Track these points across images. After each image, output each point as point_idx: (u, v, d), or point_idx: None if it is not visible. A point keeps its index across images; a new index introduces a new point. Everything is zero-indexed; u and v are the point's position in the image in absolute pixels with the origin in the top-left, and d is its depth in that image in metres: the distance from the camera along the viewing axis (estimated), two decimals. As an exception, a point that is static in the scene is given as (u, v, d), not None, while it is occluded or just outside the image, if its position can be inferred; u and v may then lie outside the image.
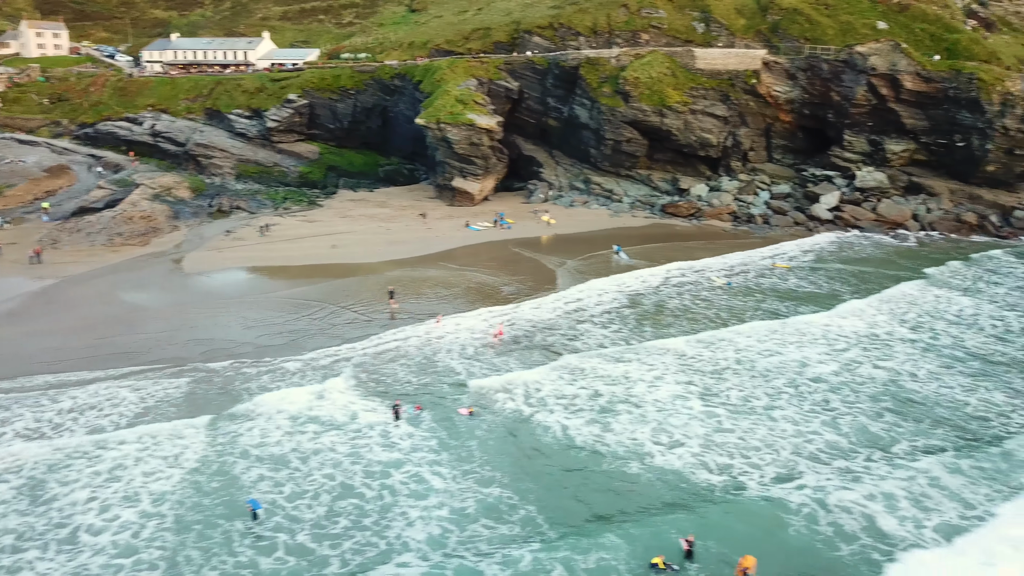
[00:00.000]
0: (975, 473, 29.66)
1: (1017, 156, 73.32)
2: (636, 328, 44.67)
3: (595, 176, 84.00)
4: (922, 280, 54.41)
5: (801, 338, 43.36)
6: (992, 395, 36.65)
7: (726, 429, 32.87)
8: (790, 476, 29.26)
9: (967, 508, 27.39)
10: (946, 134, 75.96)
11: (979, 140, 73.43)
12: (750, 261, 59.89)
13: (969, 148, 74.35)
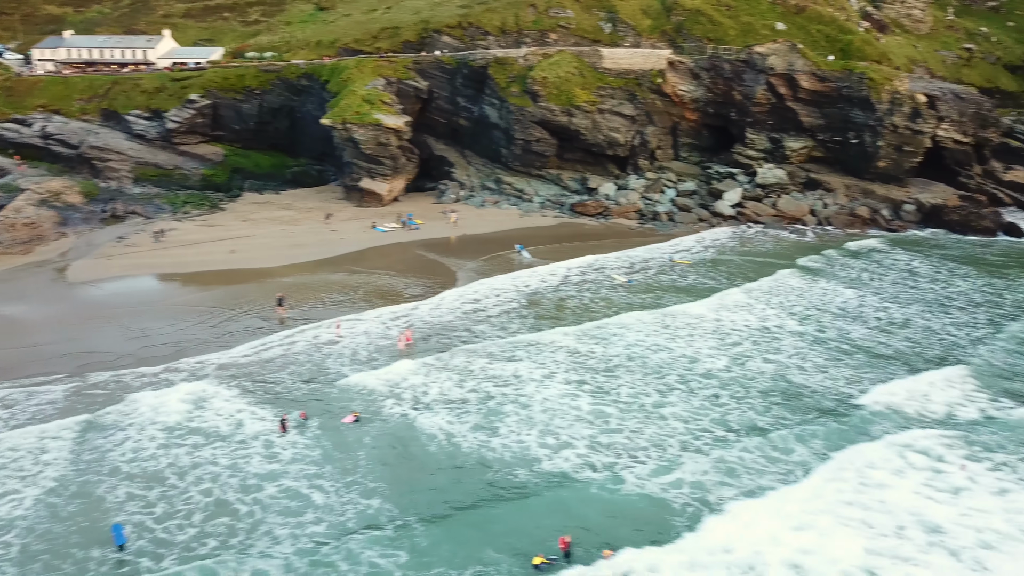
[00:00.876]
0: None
1: (905, 152, 76.55)
2: (531, 327, 44.66)
3: (506, 176, 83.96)
4: (811, 273, 56.19)
5: (692, 332, 44.11)
6: (875, 387, 37.65)
7: (614, 429, 32.95)
8: (670, 470, 29.56)
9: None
10: (841, 132, 78.75)
11: (871, 137, 76.37)
12: (652, 258, 60.75)
13: (862, 145, 77.25)
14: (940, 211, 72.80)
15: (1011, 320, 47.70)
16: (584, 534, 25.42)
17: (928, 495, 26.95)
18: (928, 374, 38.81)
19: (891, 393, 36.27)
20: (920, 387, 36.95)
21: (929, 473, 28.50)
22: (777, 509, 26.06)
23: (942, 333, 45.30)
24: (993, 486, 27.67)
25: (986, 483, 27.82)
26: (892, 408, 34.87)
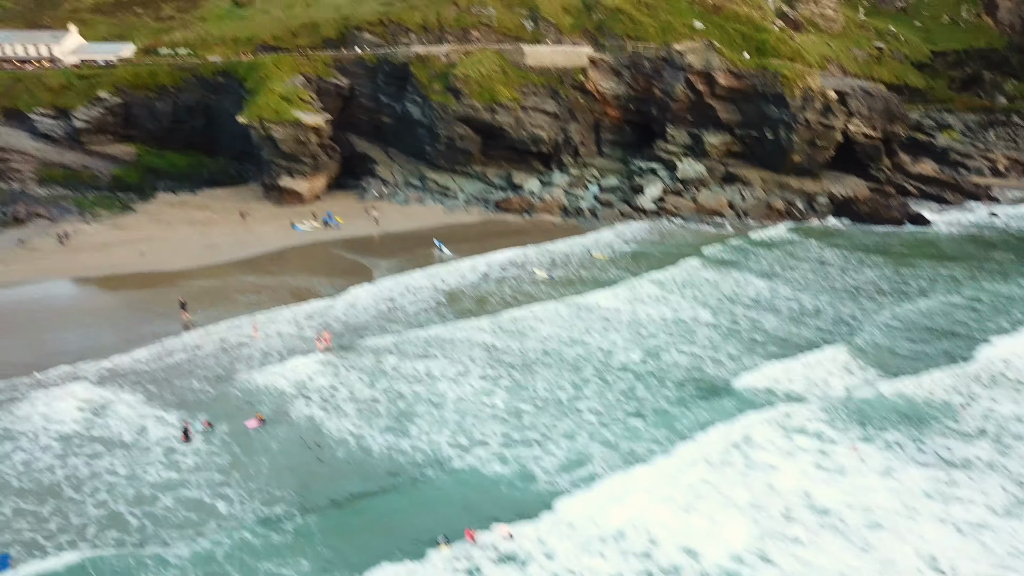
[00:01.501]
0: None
1: (818, 147, 78.89)
2: (447, 324, 44.31)
3: (431, 173, 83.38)
4: (726, 265, 57.33)
5: (608, 325, 44.45)
6: (771, 370, 38.54)
7: (527, 426, 32.79)
8: (580, 464, 29.62)
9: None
10: (757, 127, 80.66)
11: (785, 132, 78.43)
12: (573, 253, 61.09)
13: (777, 140, 79.27)
14: (851, 203, 75.22)
15: (914, 300, 49.56)
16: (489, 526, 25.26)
17: (816, 476, 27.65)
18: (825, 355, 39.89)
19: (789, 379, 37.06)
20: (818, 373, 37.86)
21: (817, 455, 29.26)
22: (671, 495, 26.39)
23: (851, 321, 46.66)
24: (881, 466, 28.57)
25: (875, 463, 28.72)
26: (788, 393, 35.66)
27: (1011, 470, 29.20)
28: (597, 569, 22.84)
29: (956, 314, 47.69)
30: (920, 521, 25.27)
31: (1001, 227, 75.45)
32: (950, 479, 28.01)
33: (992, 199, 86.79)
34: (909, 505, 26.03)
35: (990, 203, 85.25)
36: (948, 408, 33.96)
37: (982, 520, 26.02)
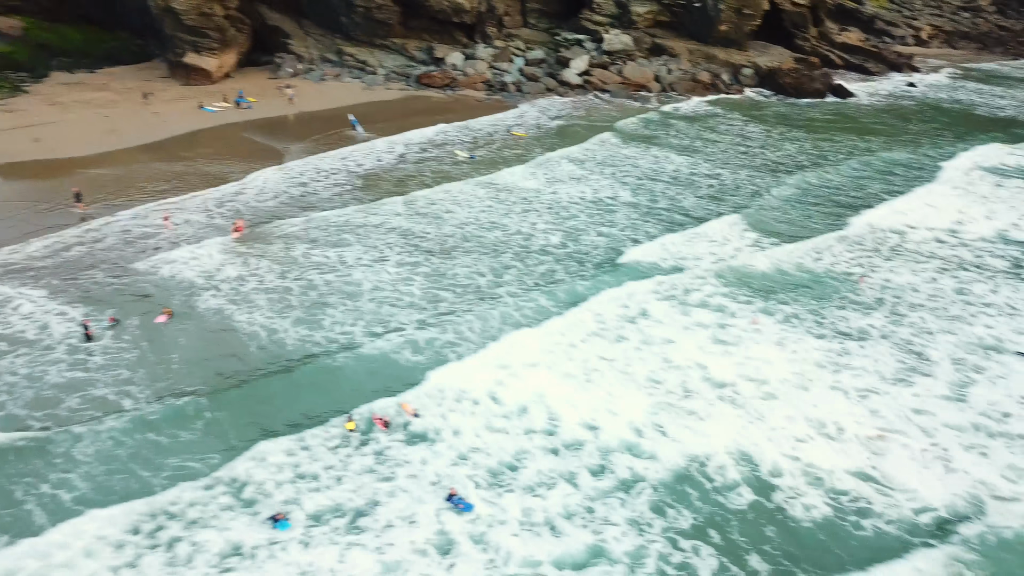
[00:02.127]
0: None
1: (745, 15, 77.50)
2: (362, 209, 43.18)
3: (348, 47, 79.33)
4: (646, 142, 57.06)
5: (528, 207, 44.15)
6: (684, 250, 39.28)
7: (444, 312, 32.73)
8: (490, 343, 29.93)
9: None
10: (685, -6, 78.55)
11: (713, 0, 76.54)
12: (497, 131, 59.79)
13: (704, 8, 77.46)
14: (775, 74, 74.91)
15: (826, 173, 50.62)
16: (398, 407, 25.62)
17: (714, 349, 28.70)
18: (733, 230, 40.76)
19: (695, 255, 37.85)
20: (725, 249, 38.67)
21: (716, 328, 30.28)
22: (570, 371, 27.18)
23: (768, 196, 47.30)
24: (778, 337, 29.75)
25: (772, 334, 29.88)
26: (686, 264, 36.34)
27: (902, 338, 30.77)
28: (503, 446, 23.53)
29: (861, 184, 49.16)
30: (811, 388, 26.59)
31: (919, 97, 76.64)
32: (843, 349, 29.38)
33: (913, 69, 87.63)
34: (802, 374, 27.31)
35: (911, 73, 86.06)
36: (846, 279, 35.26)
37: (871, 386, 27.53)
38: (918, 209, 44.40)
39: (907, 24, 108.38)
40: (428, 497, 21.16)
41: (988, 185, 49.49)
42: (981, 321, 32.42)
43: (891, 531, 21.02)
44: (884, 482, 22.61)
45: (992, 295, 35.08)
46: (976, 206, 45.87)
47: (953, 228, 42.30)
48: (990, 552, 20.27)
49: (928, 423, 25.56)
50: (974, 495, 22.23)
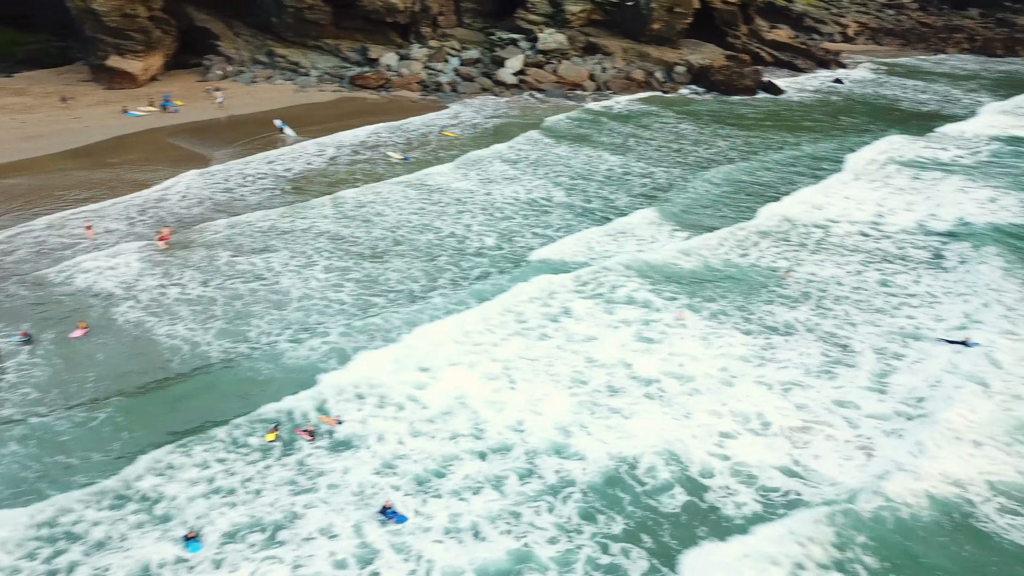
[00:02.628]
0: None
1: (677, 14, 78.42)
2: (290, 214, 42.26)
3: (279, 48, 77.89)
4: (580, 141, 57.35)
5: (462, 209, 43.83)
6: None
7: (374, 317, 32.08)
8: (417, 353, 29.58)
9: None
10: (618, -6, 79.12)
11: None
12: (431, 131, 59.33)
13: (637, 7, 78.14)
14: (707, 72, 75.98)
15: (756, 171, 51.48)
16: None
17: (638, 347, 28.82)
18: (661, 229, 41.17)
19: (622, 254, 38.09)
20: (652, 246, 39.01)
21: (640, 325, 30.41)
22: (492, 372, 27.00)
23: (697, 192, 47.88)
24: (703, 332, 30.02)
25: (697, 329, 30.16)
26: (608, 261, 36.54)
27: (826, 331, 31.34)
28: (429, 451, 23.19)
29: (790, 177, 50.34)
30: (736, 383, 26.86)
31: (845, 92, 78.63)
32: (768, 343, 29.80)
33: (840, 65, 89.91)
34: (727, 368, 27.58)
35: (838, 69, 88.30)
36: (772, 273, 35.83)
37: (796, 379, 27.93)
38: (840, 203, 45.42)
39: (834, 21, 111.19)
40: (350, 508, 20.72)
41: (905, 178, 50.96)
42: (903, 312, 33.19)
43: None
44: (810, 475, 22.91)
45: (914, 285, 35.94)
46: (895, 198, 47.17)
47: (875, 221, 43.38)
48: (876, 524, 20.65)
49: (851, 414, 26.01)
50: (884, 471, 22.64)
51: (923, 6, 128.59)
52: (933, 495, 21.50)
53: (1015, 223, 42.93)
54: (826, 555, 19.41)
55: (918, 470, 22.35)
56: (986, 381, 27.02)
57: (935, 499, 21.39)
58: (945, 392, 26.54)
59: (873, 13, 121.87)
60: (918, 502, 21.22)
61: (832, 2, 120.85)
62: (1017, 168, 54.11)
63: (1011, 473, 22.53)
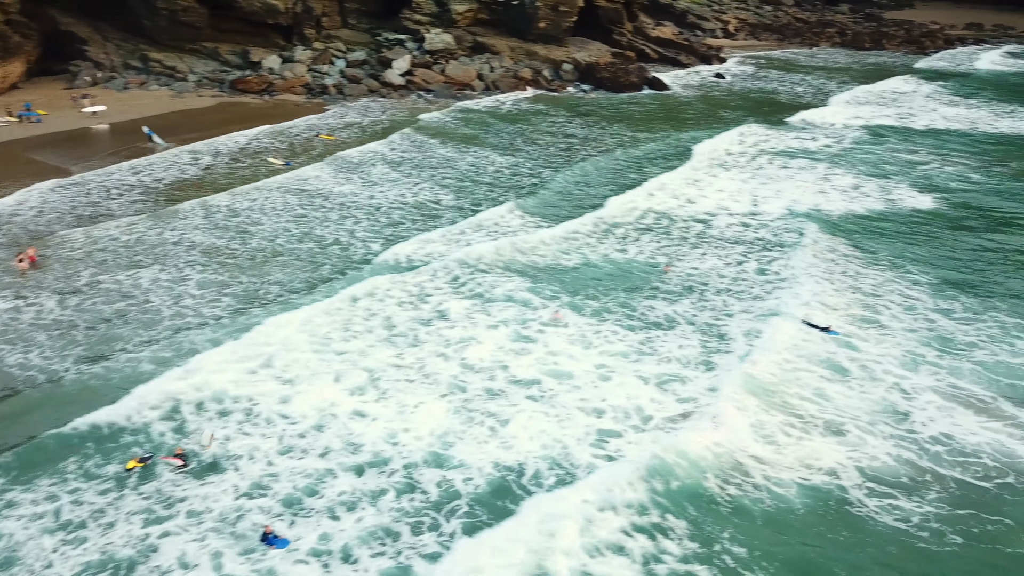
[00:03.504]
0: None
1: (562, 12, 79.24)
2: (160, 225, 40.07)
3: (154, 52, 74.45)
4: (467, 141, 57.27)
5: (345, 214, 42.75)
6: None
7: (245, 331, 30.79)
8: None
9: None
10: (503, -7, 79.30)
11: (530, -2, 77.77)
12: (314, 135, 57.93)
13: (523, 6, 78.48)
14: (594, 69, 77.05)
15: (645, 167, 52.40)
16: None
17: (514, 348, 28.59)
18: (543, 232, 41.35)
19: (497, 254, 37.90)
20: (529, 246, 38.96)
21: (517, 325, 30.24)
22: (360, 384, 26.18)
23: (597, 191, 48.30)
24: (582, 329, 30.06)
25: (576, 327, 30.16)
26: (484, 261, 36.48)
27: (705, 322, 31.92)
28: (299, 469, 22.27)
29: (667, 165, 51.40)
30: (616, 379, 26.94)
31: (726, 86, 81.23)
32: (648, 337, 30.09)
33: (721, 60, 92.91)
34: (606, 365, 27.67)
35: (719, 64, 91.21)
36: (652, 268, 36.36)
37: (675, 372, 28.27)
38: (714, 195, 46.49)
39: (716, 18, 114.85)
40: (213, 535, 19.64)
41: (776, 167, 52.79)
42: (773, 296, 33.97)
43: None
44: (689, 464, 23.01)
45: (787, 270, 36.98)
46: (766, 187, 48.63)
47: (753, 211, 44.72)
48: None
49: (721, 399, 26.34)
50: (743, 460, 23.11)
51: (798, 2, 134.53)
52: (801, 483, 21.99)
53: (874, 209, 45.19)
54: (688, 544, 19.63)
55: (780, 457, 22.90)
56: (843, 366, 27.99)
57: (804, 487, 21.89)
58: (809, 379, 27.28)
59: (752, 9, 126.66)
60: (784, 490, 21.68)
61: (714, 0, 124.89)
62: (875, 155, 56.91)
63: (881, 456, 23.27)
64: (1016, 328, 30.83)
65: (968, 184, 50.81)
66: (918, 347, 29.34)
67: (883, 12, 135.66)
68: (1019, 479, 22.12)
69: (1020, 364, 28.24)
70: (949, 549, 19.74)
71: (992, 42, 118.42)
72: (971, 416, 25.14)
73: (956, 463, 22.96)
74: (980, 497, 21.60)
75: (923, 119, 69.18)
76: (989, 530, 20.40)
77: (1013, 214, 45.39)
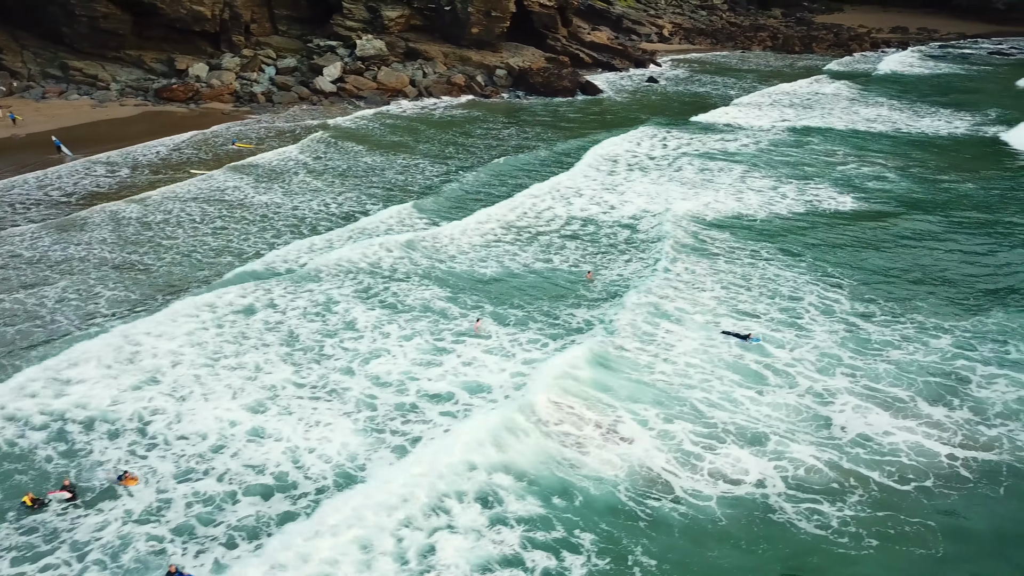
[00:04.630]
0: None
1: (495, 18, 79.01)
2: (66, 240, 38.28)
3: (74, 61, 71.97)
4: (395, 148, 56.47)
5: (267, 224, 41.62)
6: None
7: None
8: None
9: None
10: (435, -1, 78.74)
11: (461, 4, 77.27)
12: (230, 143, 56.77)
13: (455, 11, 78.00)
14: (527, 75, 76.95)
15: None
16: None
17: (427, 360, 27.87)
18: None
19: (414, 264, 37.44)
20: (450, 253, 38.56)
21: (431, 337, 29.51)
22: (260, 401, 25.28)
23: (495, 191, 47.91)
24: (501, 339, 29.45)
25: (496, 337, 29.58)
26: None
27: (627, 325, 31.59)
28: (199, 493, 21.25)
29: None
30: (533, 391, 26.36)
31: (659, 89, 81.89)
32: (565, 344, 29.60)
33: (655, 64, 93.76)
34: (524, 375, 27.13)
35: (652, 68, 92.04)
36: (577, 276, 36.02)
37: (598, 379, 27.80)
38: (635, 199, 46.15)
39: (651, 23, 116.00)
40: (97, 570, 18.61)
41: (694, 170, 52.43)
42: (700, 300, 33.79)
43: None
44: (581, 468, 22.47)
45: (716, 274, 36.87)
46: (682, 189, 48.18)
47: (646, 210, 44.07)
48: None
49: (638, 408, 26.03)
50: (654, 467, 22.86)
51: (732, 7, 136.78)
52: (716, 494, 21.69)
53: (795, 212, 45.28)
54: (596, 562, 19.26)
55: (693, 467, 22.64)
56: (758, 371, 27.82)
57: (719, 497, 21.60)
58: (719, 385, 27.02)
59: (688, 14, 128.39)
60: (701, 502, 21.43)
61: (650, 4, 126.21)
62: (793, 156, 57.25)
63: (801, 460, 23.12)
64: (935, 328, 31.14)
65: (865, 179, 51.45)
66: (834, 349, 29.39)
67: (813, 16, 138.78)
68: (937, 481, 22.22)
69: (934, 362, 28.50)
70: (866, 552, 19.71)
71: (914, 44, 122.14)
72: (887, 417, 25.25)
73: (875, 464, 22.97)
74: (899, 500, 21.64)
75: (815, 114, 70.58)
76: (906, 531, 20.43)
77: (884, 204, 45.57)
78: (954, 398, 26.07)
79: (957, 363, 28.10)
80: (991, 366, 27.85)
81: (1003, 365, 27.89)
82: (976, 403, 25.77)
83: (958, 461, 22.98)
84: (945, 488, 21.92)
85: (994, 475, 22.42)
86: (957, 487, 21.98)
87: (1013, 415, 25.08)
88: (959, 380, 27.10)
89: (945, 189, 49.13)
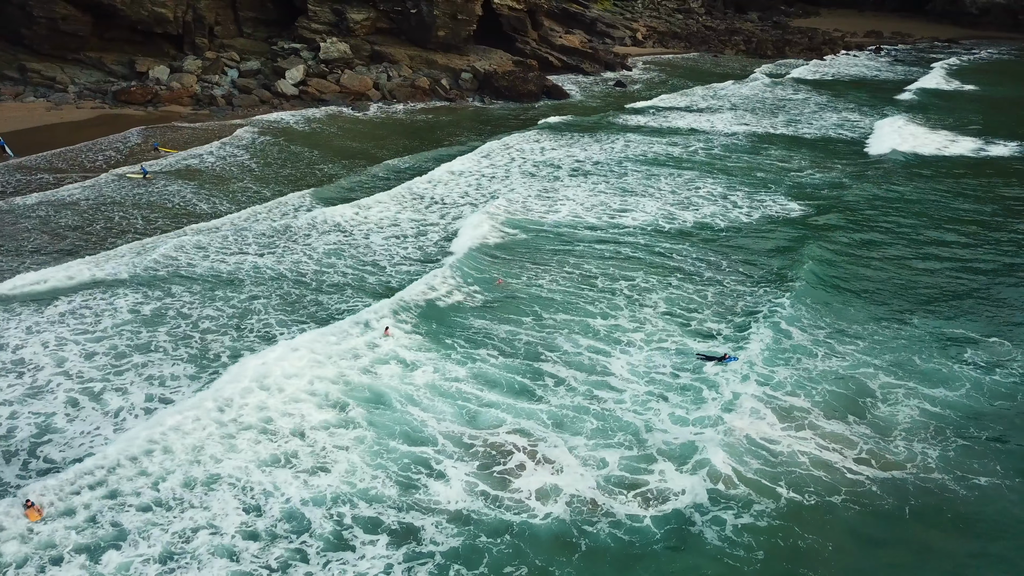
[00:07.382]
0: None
1: (461, 21, 78.63)
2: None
3: (33, 62, 71.09)
4: (353, 156, 56.06)
5: (230, 243, 41.01)
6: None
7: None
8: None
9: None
10: (400, 1, 78.16)
11: (427, 6, 76.91)
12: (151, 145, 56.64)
13: (420, 14, 77.64)
14: (491, 78, 76.61)
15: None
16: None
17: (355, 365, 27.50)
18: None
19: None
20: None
21: (362, 343, 29.10)
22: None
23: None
24: (409, 347, 29.07)
25: (404, 344, 29.10)
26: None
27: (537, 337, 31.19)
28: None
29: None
30: (442, 405, 26.05)
31: (628, 92, 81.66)
32: (476, 355, 29.20)
33: (626, 68, 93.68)
34: (437, 387, 26.75)
35: (623, 71, 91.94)
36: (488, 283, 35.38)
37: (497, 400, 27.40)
38: (568, 205, 45.66)
39: (626, 26, 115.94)
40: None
41: (640, 176, 51.89)
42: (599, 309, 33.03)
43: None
44: (503, 502, 22.18)
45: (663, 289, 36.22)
46: (620, 197, 47.58)
47: (609, 221, 43.77)
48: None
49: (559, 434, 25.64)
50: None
51: (709, 11, 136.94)
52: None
53: (750, 220, 44.90)
54: None
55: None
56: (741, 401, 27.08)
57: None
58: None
59: (664, 17, 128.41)
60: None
61: (625, 7, 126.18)
62: (745, 162, 56.61)
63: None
64: (854, 335, 30.92)
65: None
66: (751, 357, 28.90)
67: (790, 20, 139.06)
68: (842, 492, 22.06)
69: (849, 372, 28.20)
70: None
71: (887, 48, 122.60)
72: (791, 428, 24.97)
73: (780, 475, 22.69)
74: (797, 511, 21.44)
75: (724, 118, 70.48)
76: (800, 546, 20.22)
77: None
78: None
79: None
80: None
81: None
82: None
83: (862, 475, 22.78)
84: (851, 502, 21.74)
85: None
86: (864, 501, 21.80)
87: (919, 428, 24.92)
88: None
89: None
